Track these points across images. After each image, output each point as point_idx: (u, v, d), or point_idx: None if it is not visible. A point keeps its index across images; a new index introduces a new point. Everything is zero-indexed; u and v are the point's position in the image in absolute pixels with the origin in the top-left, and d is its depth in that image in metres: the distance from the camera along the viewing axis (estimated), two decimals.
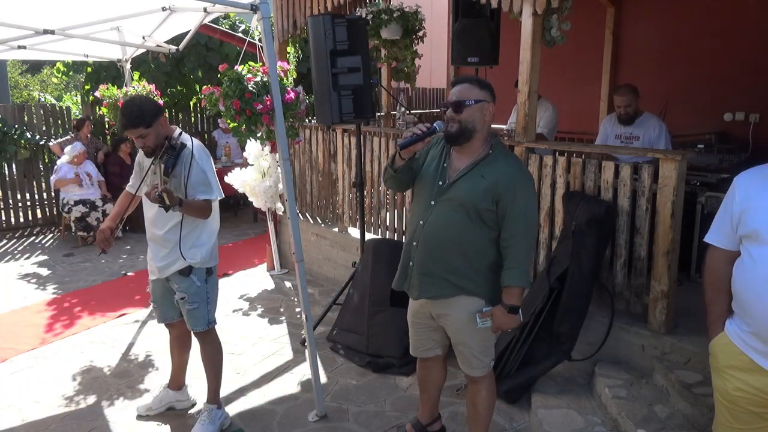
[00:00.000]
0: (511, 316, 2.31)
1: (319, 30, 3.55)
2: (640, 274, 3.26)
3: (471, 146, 2.35)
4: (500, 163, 2.31)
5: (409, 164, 2.40)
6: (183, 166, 2.75)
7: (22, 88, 21.40)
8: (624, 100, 4.06)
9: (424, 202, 2.41)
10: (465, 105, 2.29)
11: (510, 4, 3.48)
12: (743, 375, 1.80)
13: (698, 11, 5.31)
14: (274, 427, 3.11)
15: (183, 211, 2.70)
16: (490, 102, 2.33)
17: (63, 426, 3.15)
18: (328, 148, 5.28)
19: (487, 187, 2.27)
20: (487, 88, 2.35)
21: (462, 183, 2.32)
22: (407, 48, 5.42)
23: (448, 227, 2.33)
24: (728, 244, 1.89)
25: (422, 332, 2.62)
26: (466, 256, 2.34)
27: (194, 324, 2.92)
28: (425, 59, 5.91)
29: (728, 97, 5.15)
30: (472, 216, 2.30)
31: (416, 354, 2.69)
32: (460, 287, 2.37)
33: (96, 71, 8.12)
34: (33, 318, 4.67)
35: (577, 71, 6.10)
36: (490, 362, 2.53)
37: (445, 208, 2.34)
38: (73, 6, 3.77)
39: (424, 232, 2.38)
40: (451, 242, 2.34)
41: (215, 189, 2.81)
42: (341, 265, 5.14)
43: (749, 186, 1.82)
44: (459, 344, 2.49)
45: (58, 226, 7.59)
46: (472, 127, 2.30)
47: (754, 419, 1.82)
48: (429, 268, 2.40)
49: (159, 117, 2.74)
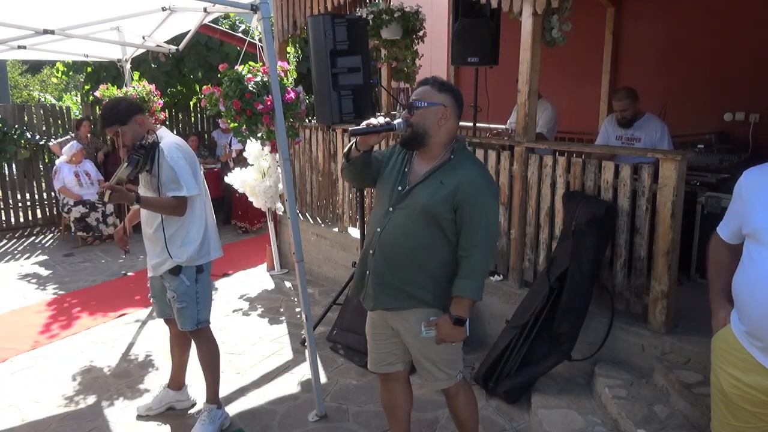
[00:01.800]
0: (456, 328, 2.15)
1: (319, 30, 3.55)
2: (640, 274, 3.26)
3: (430, 151, 2.23)
4: (461, 169, 2.18)
5: (365, 158, 2.28)
6: (156, 165, 2.75)
7: (22, 88, 21.40)
8: (621, 105, 4.05)
9: (382, 208, 2.29)
10: (416, 107, 2.17)
11: (510, 4, 3.48)
12: (738, 372, 1.81)
13: (698, 11, 5.31)
14: (274, 427, 3.11)
15: (144, 207, 2.73)
16: (448, 106, 2.18)
17: (63, 426, 3.15)
18: (328, 148, 5.28)
19: (446, 194, 2.15)
20: (449, 92, 2.21)
21: (420, 189, 2.20)
22: (407, 48, 5.41)
23: (405, 236, 2.21)
24: (731, 238, 1.95)
25: (381, 345, 2.46)
26: (423, 267, 2.22)
27: (183, 323, 2.92)
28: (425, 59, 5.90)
29: (728, 97, 5.14)
30: (431, 224, 2.18)
31: (375, 369, 2.52)
32: (417, 298, 2.24)
33: (96, 71, 8.12)
34: (33, 318, 4.67)
35: (577, 71, 6.10)
36: (457, 374, 2.40)
37: (402, 216, 2.22)
38: (73, 6, 3.77)
39: (381, 241, 2.26)
40: (408, 252, 2.21)
41: (187, 185, 2.75)
42: (341, 265, 5.14)
43: (754, 182, 1.83)
44: (422, 359, 2.35)
45: (58, 226, 7.59)
46: (422, 130, 2.17)
47: (752, 418, 1.82)
48: (385, 279, 2.27)
49: (134, 116, 2.77)
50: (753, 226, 1.76)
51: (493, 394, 3.31)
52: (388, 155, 2.39)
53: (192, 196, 2.80)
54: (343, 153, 2.33)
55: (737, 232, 1.90)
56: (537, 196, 3.64)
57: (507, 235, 3.83)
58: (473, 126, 5.57)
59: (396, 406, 2.58)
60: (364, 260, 2.36)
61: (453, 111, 2.21)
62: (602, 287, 3.38)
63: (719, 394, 1.89)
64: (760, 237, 1.74)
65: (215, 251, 2.98)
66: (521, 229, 3.74)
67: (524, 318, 3.31)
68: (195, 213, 2.87)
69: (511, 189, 3.75)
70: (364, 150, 2.24)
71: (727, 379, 1.84)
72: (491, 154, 3.85)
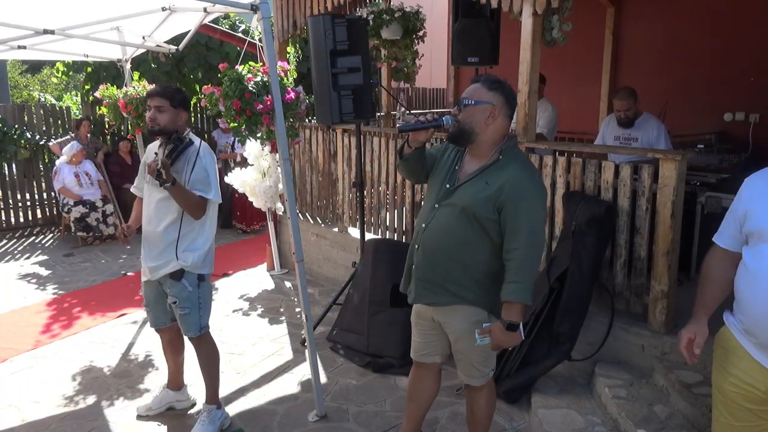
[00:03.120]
0: (510, 334, 2.17)
1: (319, 30, 3.55)
2: (640, 274, 3.26)
3: (479, 150, 2.24)
4: (508, 171, 2.18)
5: (418, 154, 2.32)
6: (186, 162, 2.78)
7: (22, 88, 21.40)
8: (623, 105, 4.05)
9: (429, 203, 2.33)
10: (464, 104, 2.20)
11: (510, 4, 3.48)
12: (738, 371, 1.82)
13: (698, 11, 5.31)
14: (274, 427, 3.11)
15: (173, 194, 2.70)
16: (497, 105, 2.18)
17: (63, 426, 3.15)
18: (328, 148, 5.28)
19: (490, 195, 2.15)
20: (499, 90, 2.20)
21: (466, 188, 2.23)
22: (407, 48, 5.42)
23: (448, 234, 2.24)
24: (731, 245, 1.92)
25: (425, 335, 2.51)
26: (465, 265, 2.24)
27: (186, 329, 2.92)
28: (425, 59, 5.90)
29: (728, 97, 5.15)
30: (473, 223, 2.19)
31: (416, 357, 2.57)
32: (457, 296, 2.27)
33: (96, 71, 8.12)
34: (33, 318, 4.67)
35: (577, 71, 6.10)
36: (490, 372, 2.44)
37: (447, 213, 2.25)
38: (73, 6, 3.77)
39: (425, 237, 2.30)
40: (450, 250, 2.24)
41: (214, 190, 2.81)
42: (341, 265, 5.14)
43: (756, 186, 1.84)
44: (458, 352, 2.41)
45: (58, 226, 7.59)
46: (469, 128, 2.19)
47: (751, 417, 1.83)
48: (427, 275, 2.32)
49: (184, 109, 2.86)
50: (759, 226, 1.77)
51: None
52: (442, 151, 2.40)
53: (213, 203, 2.84)
54: (397, 150, 2.38)
55: (737, 236, 1.89)
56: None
57: None
58: None
59: (421, 394, 2.65)
60: (411, 254, 2.40)
61: (502, 110, 2.21)
62: (602, 287, 3.38)
63: (719, 394, 1.90)
64: (764, 236, 1.75)
65: (211, 266, 2.98)
66: None
67: (524, 318, 3.30)
68: (207, 222, 2.89)
69: None
70: (416, 147, 2.29)
71: (727, 378, 1.85)
72: None
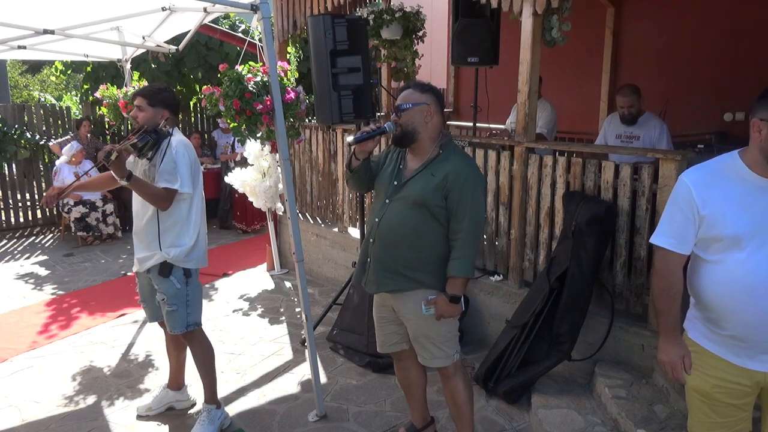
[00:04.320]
0: (452, 305, 2.40)
1: (319, 30, 3.55)
2: (640, 274, 3.26)
3: (420, 148, 2.45)
4: (449, 161, 2.41)
5: (365, 165, 2.53)
6: (159, 154, 2.78)
7: (22, 88, 21.40)
8: (627, 101, 4.05)
9: (380, 200, 2.53)
10: (402, 109, 2.40)
11: (510, 4, 3.48)
12: (721, 373, 1.83)
13: (698, 11, 5.30)
14: (274, 427, 3.11)
15: (131, 187, 2.71)
16: (431, 104, 2.41)
17: (63, 426, 3.15)
18: (328, 148, 5.28)
19: (437, 184, 2.37)
20: (430, 92, 2.44)
21: (414, 182, 2.43)
22: (407, 48, 5.41)
23: (401, 224, 2.43)
24: (684, 248, 1.84)
25: (386, 326, 2.67)
26: (419, 251, 2.43)
27: (172, 326, 2.91)
28: (425, 59, 5.89)
29: (728, 97, 5.14)
30: (424, 212, 2.40)
31: (384, 350, 2.73)
32: (415, 280, 2.45)
33: (95, 71, 8.13)
34: (33, 318, 4.67)
35: (577, 71, 6.10)
36: (455, 354, 2.57)
37: (398, 206, 2.45)
38: (73, 6, 3.77)
39: (380, 229, 2.48)
40: (404, 237, 2.43)
41: (181, 180, 2.77)
42: (341, 265, 5.14)
43: (706, 186, 1.78)
44: (420, 336, 2.53)
45: (58, 226, 7.59)
46: (412, 129, 2.40)
47: (734, 411, 1.85)
48: (385, 263, 2.49)
49: (164, 108, 2.86)
50: (732, 233, 1.73)
51: (493, 394, 3.30)
52: (383, 157, 2.63)
53: (185, 196, 2.82)
54: (345, 164, 2.58)
55: (689, 239, 1.82)
56: (537, 196, 3.64)
57: (507, 235, 3.83)
58: (473, 126, 5.57)
59: (411, 383, 2.80)
60: (366, 249, 2.59)
61: (436, 107, 2.45)
62: (602, 287, 3.38)
63: (701, 398, 1.89)
64: (741, 243, 1.72)
65: (202, 261, 2.97)
66: (521, 229, 3.74)
67: (524, 318, 3.31)
68: (191, 218, 2.88)
69: (511, 189, 3.75)
70: (363, 158, 2.50)
71: (708, 381, 1.85)
72: (491, 154, 3.85)
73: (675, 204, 1.84)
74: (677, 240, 1.84)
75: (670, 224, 1.86)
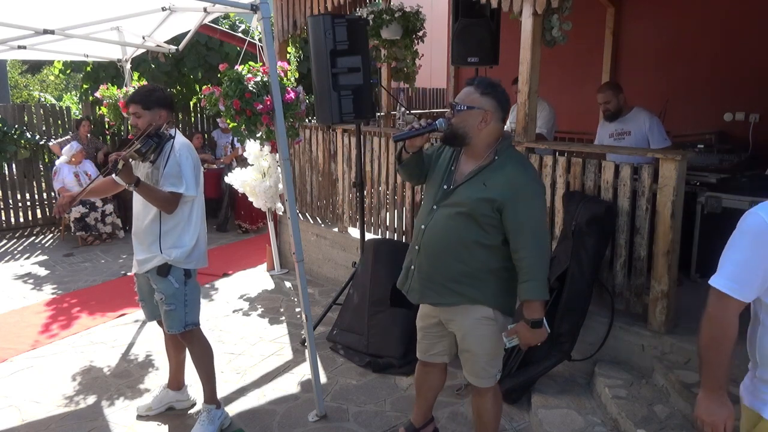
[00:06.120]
0: (535, 331, 2.21)
1: (319, 30, 3.55)
2: (640, 274, 3.26)
3: (474, 151, 2.27)
4: (505, 172, 2.21)
5: (416, 159, 2.37)
6: (163, 157, 2.78)
7: (22, 88, 21.39)
8: (603, 97, 4.06)
9: (427, 205, 2.37)
10: (457, 109, 2.23)
11: (510, 4, 3.48)
12: None
13: (698, 11, 5.31)
14: (274, 427, 3.11)
15: (139, 192, 2.72)
16: (489, 110, 2.20)
17: (63, 426, 3.15)
18: (328, 148, 5.28)
19: (488, 197, 2.18)
20: (492, 95, 2.21)
21: (463, 189, 2.26)
22: (407, 48, 5.42)
23: (447, 234, 2.27)
24: (748, 295, 1.57)
25: (431, 337, 2.55)
26: (466, 264, 2.27)
27: (170, 326, 2.91)
28: (425, 59, 5.90)
29: (728, 97, 5.15)
30: (472, 223, 2.23)
31: (423, 358, 2.62)
32: (461, 295, 2.30)
33: (94, 70, 8.12)
34: (33, 318, 4.67)
35: (577, 71, 6.10)
36: (497, 373, 2.45)
37: (445, 214, 2.28)
38: (73, 6, 3.77)
39: (425, 238, 2.33)
40: (450, 249, 2.27)
41: (187, 183, 2.78)
42: (341, 265, 5.14)
43: None
44: (465, 351, 2.41)
45: (58, 226, 7.59)
46: (463, 132, 2.23)
47: None
48: (430, 275, 2.35)
49: (161, 108, 2.84)
50: None
51: None
52: (437, 152, 2.44)
53: (188, 198, 2.82)
54: (395, 156, 2.41)
55: (758, 288, 1.56)
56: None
57: None
58: None
59: (428, 387, 2.74)
60: (411, 255, 2.44)
61: (495, 115, 2.22)
62: (602, 287, 3.38)
63: None
64: None
65: (202, 261, 2.98)
66: None
67: None
68: (192, 219, 2.88)
69: None
70: (413, 152, 2.33)
71: None
72: None
73: (743, 242, 1.56)
74: (741, 285, 1.56)
75: (735, 265, 1.56)
